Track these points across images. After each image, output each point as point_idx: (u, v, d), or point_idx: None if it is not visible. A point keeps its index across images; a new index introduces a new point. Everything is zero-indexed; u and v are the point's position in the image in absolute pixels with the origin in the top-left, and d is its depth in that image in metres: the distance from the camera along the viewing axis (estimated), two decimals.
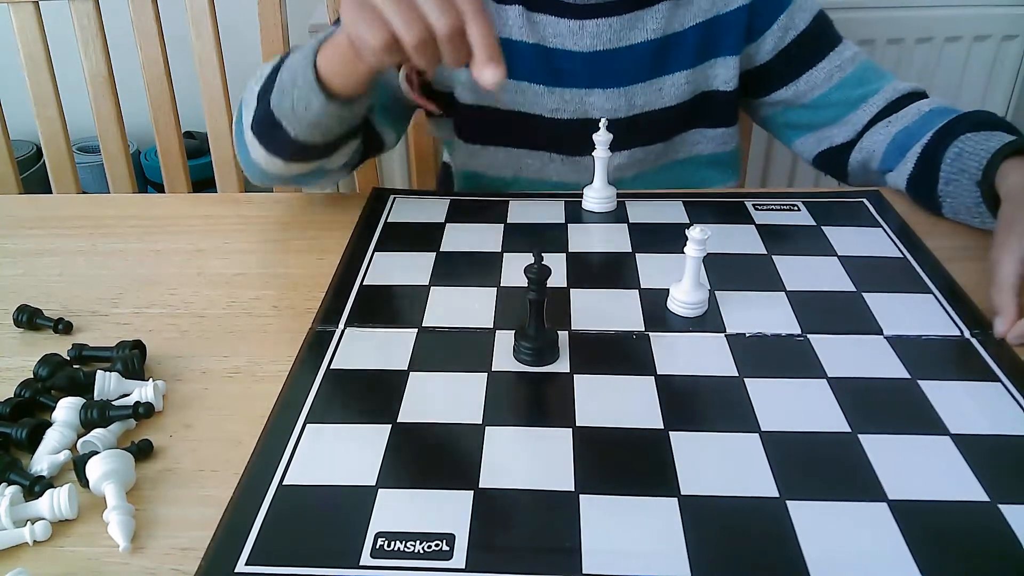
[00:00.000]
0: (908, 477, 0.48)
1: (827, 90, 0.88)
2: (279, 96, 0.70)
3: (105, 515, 0.47)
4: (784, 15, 0.87)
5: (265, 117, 0.71)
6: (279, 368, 0.59)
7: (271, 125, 0.71)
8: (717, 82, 0.90)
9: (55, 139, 1.14)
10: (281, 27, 1.09)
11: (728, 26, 0.87)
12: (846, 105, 0.88)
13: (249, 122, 0.74)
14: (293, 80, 0.69)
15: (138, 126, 1.31)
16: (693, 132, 0.93)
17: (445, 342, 0.62)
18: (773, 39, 0.88)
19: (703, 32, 0.87)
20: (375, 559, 0.44)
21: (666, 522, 0.46)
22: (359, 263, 0.72)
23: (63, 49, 1.12)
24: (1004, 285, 0.62)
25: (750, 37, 0.89)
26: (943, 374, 0.57)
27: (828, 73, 0.88)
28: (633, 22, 0.87)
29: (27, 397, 0.55)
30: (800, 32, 0.88)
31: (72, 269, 0.74)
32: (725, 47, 0.88)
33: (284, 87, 0.70)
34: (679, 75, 0.88)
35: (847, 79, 0.88)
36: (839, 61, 0.88)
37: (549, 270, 0.57)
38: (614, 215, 0.79)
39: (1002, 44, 1.59)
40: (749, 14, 0.87)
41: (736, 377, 0.57)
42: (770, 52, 0.89)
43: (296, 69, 0.69)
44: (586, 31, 0.87)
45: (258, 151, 0.75)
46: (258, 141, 0.74)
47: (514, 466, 0.50)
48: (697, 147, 0.94)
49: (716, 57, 0.89)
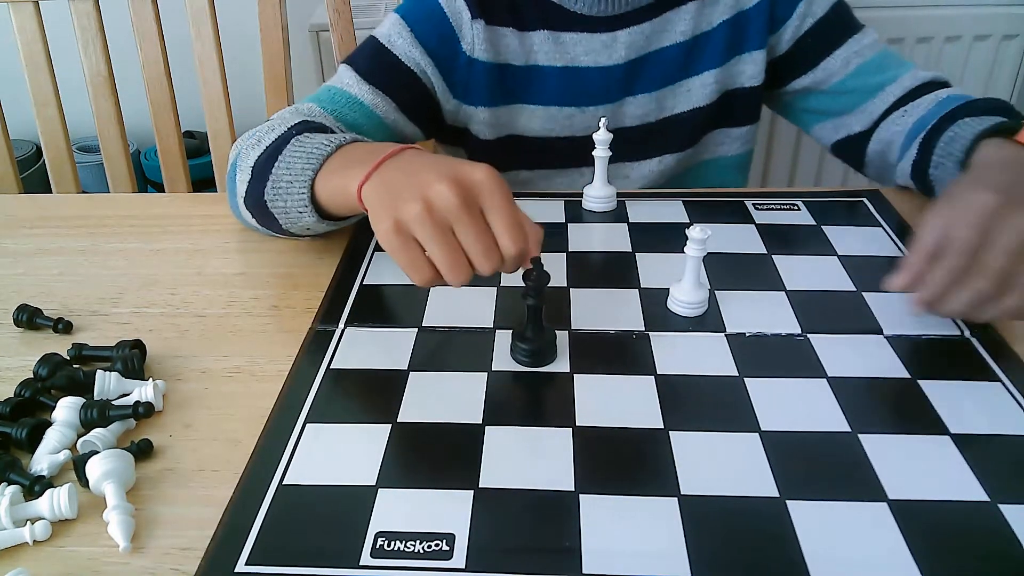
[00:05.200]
0: (908, 477, 0.48)
1: (844, 77, 0.87)
2: (273, 193, 0.66)
3: (105, 515, 0.47)
4: (803, 3, 0.87)
5: (258, 202, 0.68)
6: (279, 368, 0.59)
7: (264, 211, 0.68)
8: (743, 78, 0.89)
9: (55, 139, 1.14)
10: (281, 27, 1.10)
11: (752, 20, 0.87)
12: (863, 93, 0.87)
13: (243, 193, 0.70)
14: (288, 187, 0.65)
15: (138, 126, 1.31)
16: (717, 133, 0.93)
17: (445, 342, 0.62)
18: (792, 28, 0.88)
19: (730, 29, 0.87)
20: (375, 559, 0.44)
21: (666, 522, 0.46)
22: (359, 263, 0.72)
23: (63, 49, 1.12)
24: (919, 248, 0.57)
25: (772, 28, 0.88)
26: (943, 374, 0.57)
27: (845, 60, 0.87)
28: (663, 24, 0.86)
29: (27, 397, 0.55)
30: (818, 19, 0.87)
31: (72, 269, 0.74)
32: (751, 42, 0.88)
33: (279, 188, 0.66)
34: (707, 75, 0.88)
35: (864, 66, 0.87)
36: (857, 48, 0.87)
37: (548, 277, 0.57)
38: (614, 215, 0.79)
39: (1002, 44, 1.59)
40: (771, 5, 0.87)
41: (736, 377, 0.57)
42: (789, 41, 0.89)
43: (293, 178, 0.65)
44: (619, 42, 0.86)
45: (250, 219, 0.72)
46: (250, 214, 0.71)
47: (514, 466, 0.50)
48: (720, 148, 0.94)
49: (743, 53, 0.88)
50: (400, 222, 0.53)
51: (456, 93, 0.88)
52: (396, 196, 0.54)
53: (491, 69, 0.86)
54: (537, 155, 0.91)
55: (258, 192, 0.67)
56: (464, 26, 0.85)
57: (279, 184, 0.65)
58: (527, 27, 0.86)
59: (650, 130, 0.90)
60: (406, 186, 0.54)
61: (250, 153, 0.70)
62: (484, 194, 0.53)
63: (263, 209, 0.68)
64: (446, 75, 0.87)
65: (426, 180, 0.53)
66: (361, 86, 0.83)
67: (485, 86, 0.87)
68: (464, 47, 0.85)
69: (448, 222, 0.52)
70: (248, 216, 0.72)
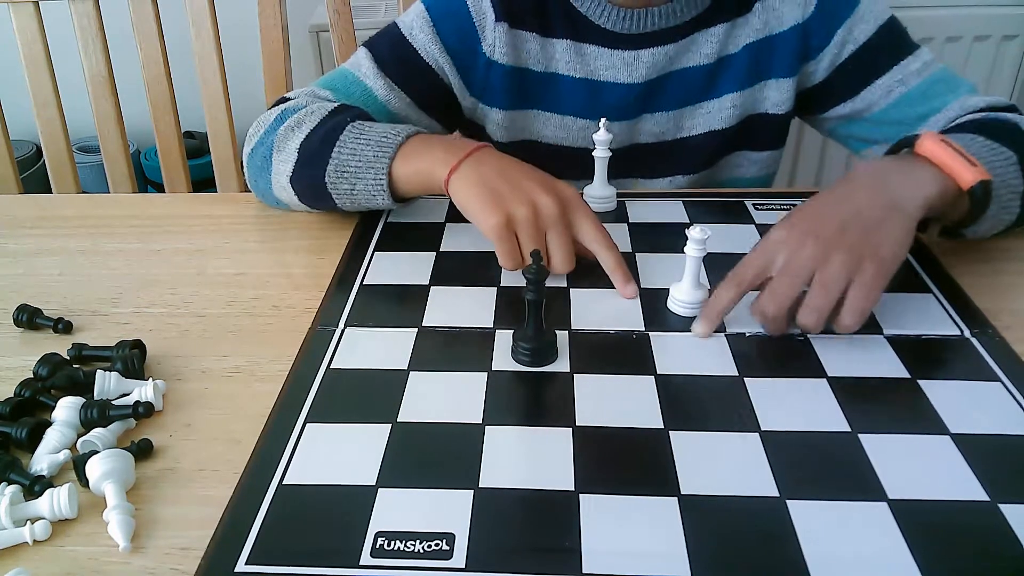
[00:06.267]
0: (908, 477, 0.48)
1: (886, 107, 0.83)
2: (338, 176, 0.71)
3: (105, 515, 0.47)
4: (842, 29, 0.82)
5: (314, 184, 0.73)
6: (279, 368, 0.59)
7: (318, 191, 0.73)
8: (767, 104, 0.86)
9: (55, 139, 1.14)
10: (281, 27, 1.10)
11: (780, 47, 0.83)
12: (907, 124, 0.82)
13: (287, 173, 0.74)
14: (359, 171, 0.71)
15: (138, 126, 1.31)
16: (737, 155, 0.90)
17: (445, 342, 0.62)
18: (830, 56, 0.83)
19: (755, 52, 0.84)
20: (375, 559, 0.44)
21: (666, 522, 0.46)
22: (359, 263, 0.72)
23: (63, 49, 1.13)
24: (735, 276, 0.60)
25: (807, 56, 0.84)
26: (943, 374, 0.57)
27: (887, 88, 0.82)
28: (689, 46, 0.84)
29: (27, 397, 0.55)
30: (860, 45, 0.83)
31: (72, 269, 0.74)
32: (778, 68, 0.84)
33: (346, 171, 0.71)
34: (727, 98, 0.85)
35: (909, 95, 0.82)
36: (902, 75, 0.82)
37: (547, 271, 0.57)
38: (614, 215, 0.79)
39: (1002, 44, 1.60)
40: (803, 33, 0.83)
41: (736, 377, 0.57)
42: (827, 69, 0.84)
43: (366, 163, 0.70)
44: (641, 62, 0.84)
45: (291, 198, 0.76)
46: (296, 196, 0.75)
47: (514, 466, 0.50)
48: (739, 170, 0.91)
49: (768, 79, 0.85)
50: (512, 219, 0.64)
51: (473, 91, 0.88)
52: (504, 196, 0.65)
53: (509, 72, 0.86)
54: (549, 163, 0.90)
55: (312, 175, 0.73)
56: (487, 27, 0.84)
57: (346, 168, 0.71)
58: (551, 34, 0.85)
59: (665, 149, 0.88)
60: (512, 189, 0.65)
61: (291, 136, 0.74)
62: (574, 209, 0.66)
63: (318, 190, 0.73)
64: (464, 74, 0.86)
65: (531, 188, 0.65)
66: (376, 79, 0.84)
67: (502, 89, 0.87)
68: (485, 48, 0.85)
69: (546, 227, 0.65)
70: (287, 194, 0.76)
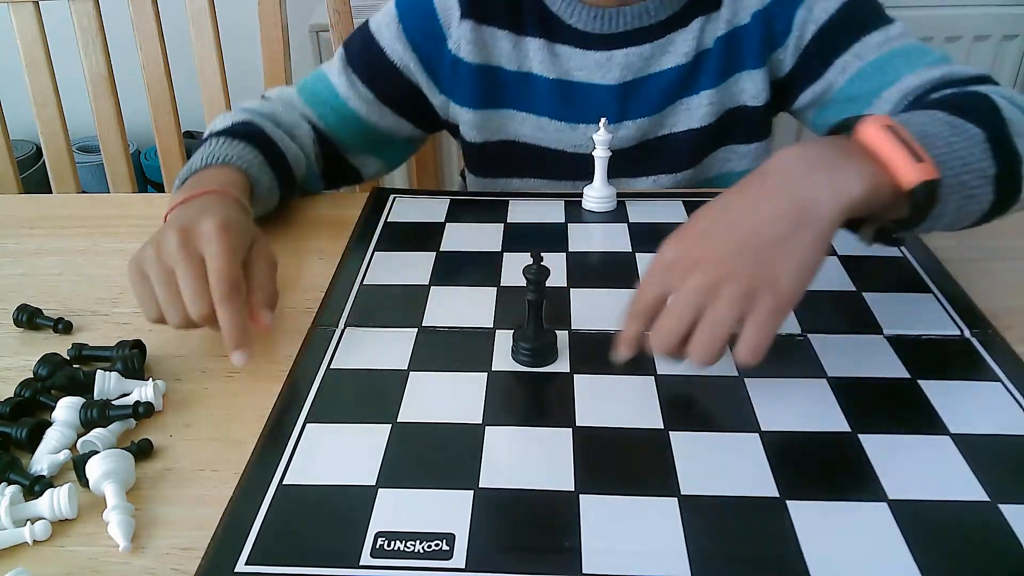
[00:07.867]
0: (908, 477, 0.48)
1: (843, 84, 0.79)
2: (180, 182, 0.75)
3: (105, 515, 0.47)
4: (801, 9, 0.79)
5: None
6: (279, 368, 0.59)
7: None
8: (745, 97, 0.84)
9: (55, 139, 1.14)
10: (281, 27, 1.10)
11: (746, 37, 0.82)
12: (860, 99, 0.77)
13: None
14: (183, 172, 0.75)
15: (138, 126, 1.31)
16: (723, 150, 0.88)
17: (445, 342, 0.62)
18: (794, 40, 0.81)
19: (725, 46, 0.82)
20: (375, 559, 0.44)
21: (666, 522, 0.46)
22: (359, 263, 0.72)
23: (63, 49, 1.13)
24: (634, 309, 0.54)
25: (773, 44, 0.82)
26: (943, 374, 0.57)
27: (844, 65, 0.78)
28: (666, 47, 0.82)
29: (27, 397, 0.55)
30: (820, 25, 0.79)
31: (72, 269, 0.74)
32: (749, 60, 0.82)
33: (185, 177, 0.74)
34: (704, 94, 0.83)
35: (863, 68, 0.77)
36: (860, 49, 0.77)
37: (548, 271, 0.57)
38: (614, 215, 0.79)
39: (1002, 44, 1.60)
40: (766, 20, 0.80)
41: (736, 377, 0.57)
42: (794, 54, 0.81)
43: (181, 173, 0.75)
44: (614, 63, 0.82)
45: None
46: None
47: (514, 466, 0.50)
48: (728, 164, 0.89)
49: (741, 71, 0.83)
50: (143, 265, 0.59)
51: (443, 90, 0.87)
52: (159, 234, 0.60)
53: (477, 70, 0.85)
54: (527, 164, 0.88)
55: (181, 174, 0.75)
56: (452, 24, 0.84)
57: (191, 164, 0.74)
58: (524, 32, 0.84)
59: (647, 149, 0.86)
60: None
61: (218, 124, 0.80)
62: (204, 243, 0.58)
63: None
64: (431, 71, 0.86)
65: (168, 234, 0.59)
66: (340, 76, 0.85)
67: (470, 87, 0.85)
68: (450, 45, 0.84)
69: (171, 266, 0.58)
70: None
